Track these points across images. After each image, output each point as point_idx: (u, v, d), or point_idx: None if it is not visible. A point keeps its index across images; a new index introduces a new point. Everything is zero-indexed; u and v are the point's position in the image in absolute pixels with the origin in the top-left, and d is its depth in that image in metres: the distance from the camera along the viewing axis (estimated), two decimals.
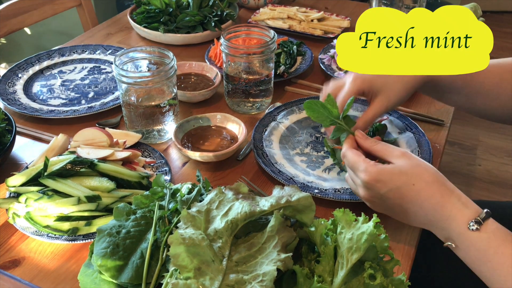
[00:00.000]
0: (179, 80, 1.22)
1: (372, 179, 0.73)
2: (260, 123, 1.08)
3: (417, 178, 0.71)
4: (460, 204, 0.69)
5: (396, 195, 0.72)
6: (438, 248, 0.84)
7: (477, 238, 0.67)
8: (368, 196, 0.76)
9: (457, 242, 0.69)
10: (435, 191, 0.70)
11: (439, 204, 0.70)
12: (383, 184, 0.73)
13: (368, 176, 0.73)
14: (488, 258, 0.66)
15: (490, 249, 0.66)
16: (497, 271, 0.65)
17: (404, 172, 0.72)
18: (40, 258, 0.80)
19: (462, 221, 0.68)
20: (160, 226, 0.72)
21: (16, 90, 1.21)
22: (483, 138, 2.69)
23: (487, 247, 0.66)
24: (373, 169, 0.73)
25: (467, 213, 0.68)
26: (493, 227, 0.67)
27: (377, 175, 0.73)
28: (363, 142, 0.79)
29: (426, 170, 0.72)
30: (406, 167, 0.72)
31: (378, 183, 0.73)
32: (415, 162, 0.73)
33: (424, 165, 0.73)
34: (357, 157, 0.76)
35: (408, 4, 1.37)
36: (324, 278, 0.64)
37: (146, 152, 1.00)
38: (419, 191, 0.71)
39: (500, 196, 2.32)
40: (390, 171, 0.73)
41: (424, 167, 0.73)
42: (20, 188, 0.85)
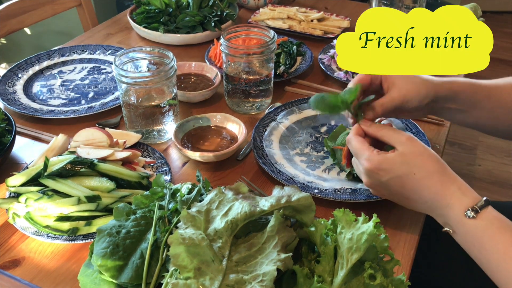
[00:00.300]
0: (179, 80, 1.22)
1: (374, 167, 0.75)
2: (260, 123, 1.08)
3: (419, 167, 0.72)
4: (460, 193, 0.70)
5: (397, 183, 0.74)
6: (438, 248, 0.84)
7: (473, 226, 0.68)
8: (370, 183, 0.78)
9: (455, 228, 0.71)
10: (435, 181, 0.72)
11: (439, 193, 0.71)
12: (384, 173, 0.74)
13: (370, 164, 0.75)
14: (483, 245, 0.67)
15: (486, 236, 0.67)
16: (493, 257, 0.67)
17: (406, 162, 0.73)
18: (40, 258, 0.80)
19: (459, 209, 0.69)
20: (160, 226, 0.72)
21: (16, 90, 1.21)
22: (483, 138, 2.69)
23: (483, 234, 0.67)
24: (375, 158, 0.74)
25: (465, 201, 0.69)
26: (490, 215, 0.68)
27: (379, 164, 0.74)
28: (368, 128, 0.79)
29: (429, 159, 0.73)
30: (408, 156, 0.73)
31: (380, 171, 0.74)
32: (419, 149, 0.74)
33: (427, 154, 0.74)
34: (360, 144, 0.77)
35: (408, 4, 1.37)
36: (324, 278, 0.64)
37: (146, 152, 1.00)
38: (420, 180, 0.72)
39: (500, 196, 2.32)
40: (392, 160, 0.74)
41: (427, 155, 0.73)
42: (20, 188, 0.85)
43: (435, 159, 0.73)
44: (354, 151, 0.79)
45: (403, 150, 0.74)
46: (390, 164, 0.74)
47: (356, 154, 0.78)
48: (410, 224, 0.86)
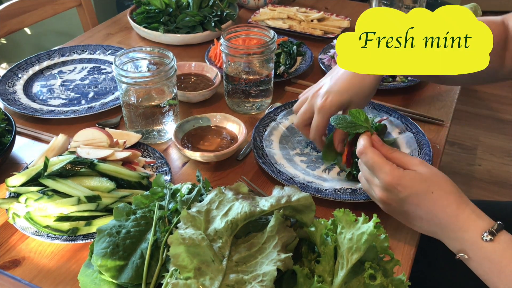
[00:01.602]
0: (179, 80, 1.22)
1: (394, 182, 0.73)
2: (260, 123, 1.08)
3: (437, 186, 0.72)
4: (475, 215, 0.70)
5: (414, 201, 0.73)
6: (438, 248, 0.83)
7: (491, 249, 0.67)
8: (385, 198, 0.76)
9: (470, 253, 0.69)
10: (451, 201, 0.71)
11: (454, 214, 0.70)
12: (403, 189, 0.73)
13: (391, 179, 0.73)
14: (502, 269, 0.66)
15: (504, 259, 0.66)
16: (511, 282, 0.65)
17: (425, 179, 0.72)
18: (40, 258, 0.80)
19: (476, 231, 0.68)
20: (160, 226, 0.72)
21: (16, 90, 1.21)
22: (483, 138, 2.69)
23: (501, 257, 0.66)
24: (397, 173, 0.73)
25: (480, 224, 0.68)
26: (506, 238, 0.67)
27: (399, 179, 0.73)
28: (381, 148, 0.78)
29: (445, 180, 0.73)
30: (426, 175, 0.73)
31: (399, 187, 0.73)
32: (435, 171, 0.74)
33: (442, 175, 0.74)
34: (379, 158, 0.75)
35: (408, 4, 1.37)
36: (324, 278, 0.64)
37: (146, 152, 1.00)
38: (437, 199, 0.71)
39: (500, 196, 2.32)
40: (413, 176, 0.73)
41: (442, 176, 0.74)
42: (20, 188, 0.85)
43: (450, 181, 0.73)
44: (370, 164, 0.76)
45: (420, 169, 0.73)
46: (410, 180, 0.73)
47: (373, 167, 0.76)
48: None
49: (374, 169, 0.76)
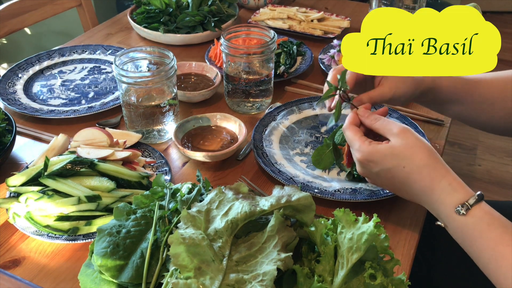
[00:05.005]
0: (179, 80, 1.22)
1: (364, 158, 0.76)
2: (260, 123, 1.08)
3: (408, 160, 0.72)
4: (450, 188, 0.70)
5: (388, 175, 0.75)
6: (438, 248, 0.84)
7: (463, 222, 0.68)
8: (362, 172, 0.79)
9: (446, 223, 0.71)
10: (424, 175, 0.71)
11: (428, 188, 0.71)
12: (374, 164, 0.75)
13: (360, 155, 0.76)
14: (473, 242, 0.67)
15: (476, 233, 0.67)
16: (483, 254, 0.67)
17: (396, 154, 0.73)
18: (40, 257, 0.80)
19: (450, 205, 0.69)
20: (160, 226, 0.72)
21: (16, 90, 1.21)
22: (483, 138, 2.69)
23: (473, 231, 0.67)
24: (366, 149, 0.75)
25: (455, 197, 0.69)
26: (482, 211, 0.68)
27: (369, 155, 0.75)
28: (364, 119, 0.79)
29: (419, 152, 0.72)
30: (398, 148, 0.73)
31: (370, 163, 0.75)
32: (410, 142, 0.73)
33: (418, 146, 0.73)
34: (353, 135, 0.78)
35: (408, 4, 1.37)
36: (324, 278, 0.64)
37: (146, 152, 1.00)
38: (409, 174, 0.72)
39: (500, 196, 2.32)
40: (383, 152, 0.74)
41: (418, 148, 0.73)
42: (20, 188, 0.85)
43: (426, 152, 0.72)
44: (348, 140, 0.79)
45: (394, 142, 0.74)
46: (379, 156, 0.74)
47: (350, 143, 0.79)
48: (410, 224, 0.86)
49: (351, 145, 0.79)
